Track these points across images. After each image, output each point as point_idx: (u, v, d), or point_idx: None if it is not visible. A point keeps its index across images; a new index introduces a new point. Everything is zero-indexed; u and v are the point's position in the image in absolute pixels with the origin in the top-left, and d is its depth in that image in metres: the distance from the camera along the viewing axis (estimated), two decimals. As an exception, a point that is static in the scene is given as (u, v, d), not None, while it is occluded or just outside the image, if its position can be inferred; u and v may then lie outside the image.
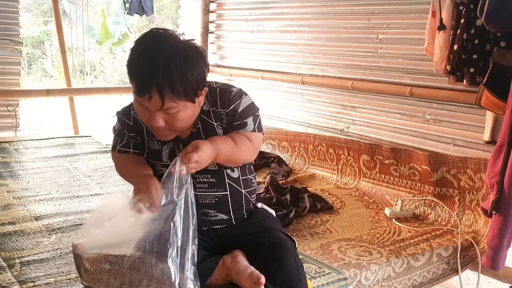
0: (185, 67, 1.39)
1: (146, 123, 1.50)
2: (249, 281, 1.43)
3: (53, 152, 3.39)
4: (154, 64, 1.36)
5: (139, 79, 1.38)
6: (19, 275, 1.65)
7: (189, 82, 1.39)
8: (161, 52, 1.37)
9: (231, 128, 1.58)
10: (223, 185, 1.62)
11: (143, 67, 1.38)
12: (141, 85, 1.38)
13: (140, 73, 1.38)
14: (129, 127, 1.66)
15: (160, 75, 1.35)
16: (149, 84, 1.36)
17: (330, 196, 2.75)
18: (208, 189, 1.61)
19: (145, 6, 4.91)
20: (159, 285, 1.33)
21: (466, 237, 2.20)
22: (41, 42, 10.22)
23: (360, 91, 3.11)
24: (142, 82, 1.38)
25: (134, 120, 1.64)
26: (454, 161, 2.45)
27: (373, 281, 1.88)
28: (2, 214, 2.21)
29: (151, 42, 1.42)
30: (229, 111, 1.57)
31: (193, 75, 1.40)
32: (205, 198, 1.61)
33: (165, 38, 1.41)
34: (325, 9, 3.37)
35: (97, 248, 1.36)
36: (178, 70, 1.37)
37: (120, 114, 1.69)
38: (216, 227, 1.65)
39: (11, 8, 4.09)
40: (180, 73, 1.37)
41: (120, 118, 1.69)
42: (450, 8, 2.26)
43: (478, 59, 2.21)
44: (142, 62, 1.39)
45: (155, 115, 1.42)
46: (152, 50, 1.39)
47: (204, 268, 1.48)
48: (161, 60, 1.36)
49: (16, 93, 4.29)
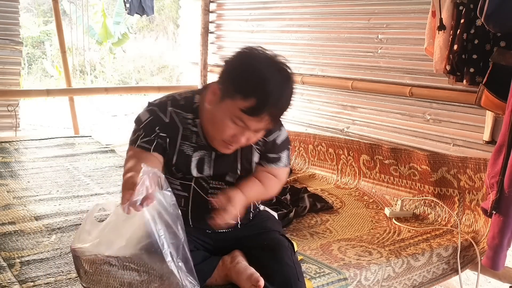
0: (292, 98, 1.45)
1: (227, 138, 1.45)
2: (248, 282, 1.43)
3: (53, 152, 3.39)
4: (280, 94, 1.39)
5: (261, 101, 1.37)
6: (19, 275, 1.65)
7: (288, 111, 1.47)
8: (289, 84, 1.42)
9: (266, 159, 1.64)
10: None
11: (269, 92, 1.37)
12: (260, 108, 1.38)
13: (264, 97, 1.37)
14: (163, 124, 1.52)
15: (281, 104, 1.41)
16: (268, 110, 1.38)
17: (330, 196, 2.75)
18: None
19: (145, 6, 4.91)
20: (159, 285, 1.33)
21: (466, 237, 2.20)
22: (41, 42, 10.22)
23: (360, 91, 3.11)
24: (263, 105, 1.37)
25: (171, 118, 1.53)
26: (454, 161, 2.45)
27: (373, 281, 1.88)
28: (2, 214, 2.21)
29: (279, 69, 1.41)
30: (269, 141, 1.61)
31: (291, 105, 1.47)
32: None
33: (287, 67, 1.43)
34: (325, 9, 3.37)
35: (95, 250, 1.36)
36: (290, 100, 1.44)
37: (155, 106, 1.54)
38: (221, 230, 1.64)
39: (11, 8, 4.09)
40: (289, 104, 1.44)
41: (153, 111, 1.54)
42: (450, 8, 2.26)
43: (478, 59, 2.21)
44: (269, 87, 1.37)
45: (249, 134, 1.45)
46: (280, 79, 1.40)
47: (203, 268, 1.48)
48: (287, 92, 1.41)
49: (16, 93, 4.30)
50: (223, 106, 1.42)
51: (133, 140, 1.53)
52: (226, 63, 1.46)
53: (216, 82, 1.48)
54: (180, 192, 1.59)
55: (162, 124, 1.52)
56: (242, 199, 1.49)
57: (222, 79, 1.45)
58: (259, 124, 1.42)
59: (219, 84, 1.45)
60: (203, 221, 1.59)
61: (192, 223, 1.60)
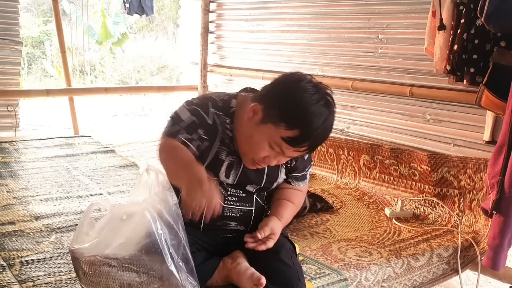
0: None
1: (259, 156, 1.46)
2: (249, 282, 1.43)
3: (53, 152, 3.39)
4: (324, 129, 1.41)
5: (305, 134, 1.39)
6: (19, 275, 1.65)
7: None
8: (333, 118, 1.44)
9: (295, 178, 1.68)
10: (250, 200, 1.63)
11: (315, 128, 1.38)
12: (302, 140, 1.39)
13: (309, 131, 1.39)
14: (206, 126, 1.50)
15: (322, 138, 1.45)
16: (309, 142, 1.41)
17: (330, 196, 2.75)
18: (236, 202, 1.61)
19: (145, 6, 4.91)
20: (158, 286, 1.32)
21: (466, 237, 2.20)
22: (41, 42, 10.21)
23: (360, 91, 3.11)
24: (306, 138, 1.40)
25: (214, 120, 1.52)
26: (454, 161, 2.45)
27: (373, 281, 1.88)
28: (2, 214, 2.21)
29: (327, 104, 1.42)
30: (298, 157, 1.62)
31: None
32: (231, 211, 1.60)
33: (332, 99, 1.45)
34: (325, 9, 3.36)
35: (94, 251, 1.36)
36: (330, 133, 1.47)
37: (197, 106, 1.51)
38: (230, 235, 1.65)
39: (11, 8, 4.08)
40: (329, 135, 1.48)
41: (197, 111, 1.50)
42: (450, 8, 2.26)
43: (478, 59, 2.20)
44: (315, 123, 1.38)
45: (281, 158, 1.48)
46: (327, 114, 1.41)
47: (204, 269, 1.48)
48: (330, 126, 1.44)
49: (16, 93, 4.29)
50: (263, 128, 1.42)
51: (172, 133, 1.49)
52: (274, 86, 1.45)
53: (257, 100, 1.46)
54: None
55: (205, 126, 1.51)
56: (281, 228, 1.59)
57: (267, 101, 1.43)
58: (295, 153, 1.45)
59: (261, 103, 1.44)
60: (216, 227, 1.60)
61: (203, 227, 1.60)
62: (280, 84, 1.44)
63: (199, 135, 1.49)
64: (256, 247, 1.50)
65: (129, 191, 2.64)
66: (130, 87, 8.64)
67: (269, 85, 1.48)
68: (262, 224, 1.56)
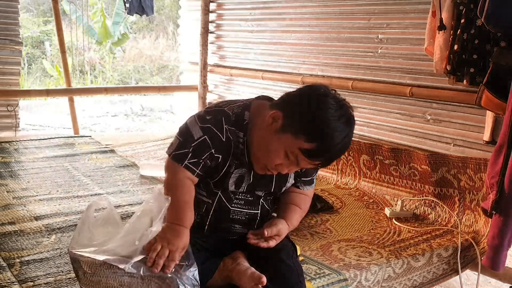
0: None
1: (273, 163, 1.45)
2: (250, 282, 1.43)
3: (53, 152, 3.39)
4: (342, 145, 1.42)
5: (323, 149, 1.39)
6: (19, 275, 1.65)
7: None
8: (351, 135, 1.45)
9: (302, 182, 1.69)
10: (257, 204, 1.63)
11: (334, 144, 1.39)
12: (320, 154, 1.40)
13: (327, 147, 1.39)
14: (219, 143, 1.47)
15: (339, 154, 1.45)
16: (326, 157, 1.42)
17: (330, 196, 2.75)
18: (243, 205, 1.60)
19: (145, 6, 4.90)
20: (158, 286, 1.32)
21: (466, 237, 2.20)
22: (41, 42, 10.21)
23: (360, 91, 3.11)
24: (323, 152, 1.40)
25: (228, 137, 1.48)
26: (454, 161, 2.45)
27: (373, 281, 1.88)
28: (2, 214, 2.21)
29: (348, 121, 1.44)
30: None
31: None
32: (237, 214, 1.60)
33: (352, 116, 1.47)
34: (325, 9, 3.36)
35: (95, 254, 1.35)
36: (347, 149, 1.47)
37: (211, 124, 1.47)
38: (233, 237, 1.65)
39: (11, 8, 4.08)
40: (346, 151, 1.48)
41: (210, 130, 1.47)
42: (450, 8, 2.26)
43: (478, 59, 2.21)
44: (335, 140, 1.39)
45: (294, 168, 1.48)
46: (347, 132, 1.42)
47: (205, 269, 1.48)
48: (348, 143, 1.44)
49: (16, 93, 4.29)
50: (282, 137, 1.41)
51: (178, 157, 1.47)
52: (297, 96, 1.46)
53: (278, 108, 1.45)
54: (204, 198, 1.58)
55: (218, 144, 1.47)
56: (287, 231, 1.61)
57: (288, 111, 1.43)
58: (310, 165, 1.45)
59: (282, 111, 1.43)
60: (220, 229, 1.60)
61: (208, 231, 1.60)
62: (304, 96, 1.44)
63: (210, 155, 1.47)
64: (258, 243, 1.51)
65: (129, 191, 2.64)
66: (130, 87, 8.63)
67: (291, 94, 1.48)
68: (270, 223, 1.56)
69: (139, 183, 2.80)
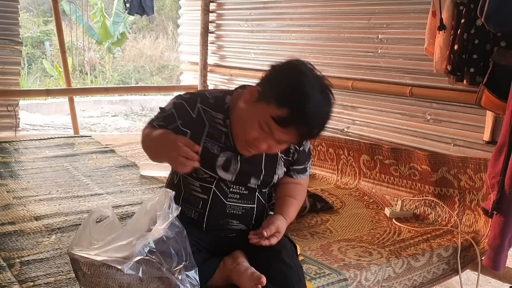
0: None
1: (250, 140, 1.46)
2: (250, 282, 1.43)
3: (53, 152, 3.39)
4: (314, 114, 1.37)
5: (293, 115, 1.36)
6: (19, 275, 1.65)
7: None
8: (327, 108, 1.41)
9: (295, 170, 1.68)
10: (253, 198, 1.63)
11: (304, 109, 1.36)
12: (290, 120, 1.37)
13: (298, 111, 1.36)
14: (189, 119, 1.53)
15: (313, 125, 1.40)
16: (297, 125, 1.38)
17: (330, 196, 2.74)
18: (239, 199, 1.61)
19: (145, 6, 4.91)
20: (158, 286, 1.32)
21: (466, 237, 2.20)
22: (41, 42, 10.21)
23: (360, 91, 3.11)
24: (294, 119, 1.37)
25: (199, 114, 1.54)
26: (454, 161, 2.45)
27: (373, 281, 1.88)
28: (2, 214, 2.21)
29: (322, 91, 1.41)
30: (300, 150, 1.64)
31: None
32: (233, 209, 1.61)
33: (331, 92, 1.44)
34: (325, 9, 3.37)
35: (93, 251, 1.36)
36: (324, 125, 1.43)
37: (184, 100, 1.55)
38: (231, 235, 1.65)
39: (11, 8, 4.08)
40: (322, 127, 1.44)
41: (182, 105, 1.54)
42: (450, 8, 2.26)
43: (478, 59, 2.21)
44: (306, 104, 1.36)
45: (271, 142, 1.44)
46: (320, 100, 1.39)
47: (204, 269, 1.48)
48: (323, 115, 1.41)
49: (16, 93, 4.29)
50: (256, 107, 1.42)
51: (150, 121, 1.56)
52: (272, 68, 1.46)
53: (257, 84, 1.48)
54: (199, 194, 1.59)
55: (187, 119, 1.53)
56: (286, 226, 1.59)
57: (264, 83, 1.45)
58: (284, 136, 1.41)
59: (259, 86, 1.46)
60: (218, 226, 1.60)
61: (206, 228, 1.60)
62: (279, 67, 1.46)
63: (176, 127, 1.51)
64: (259, 242, 1.50)
65: (129, 191, 2.64)
66: (130, 87, 8.64)
67: (268, 70, 1.49)
68: (268, 221, 1.56)
69: (139, 183, 2.80)
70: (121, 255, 1.31)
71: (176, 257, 1.34)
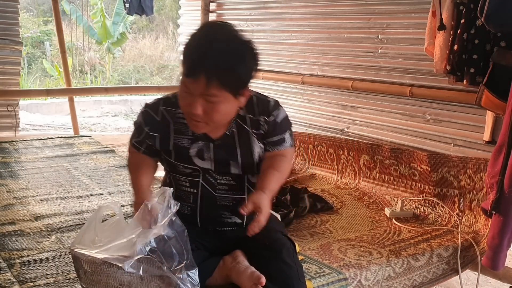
0: (236, 60, 1.43)
1: (185, 109, 1.49)
2: (249, 282, 1.43)
3: (53, 152, 3.39)
4: (208, 49, 1.40)
5: (192, 60, 1.42)
6: (19, 275, 1.65)
7: (236, 75, 1.44)
8: (218, 40, 1.42)
9: (272, 143, 1.62)
10: (242, 188, 1.63)
11: (198, 50, 1.41)
12: (192, 66, 1.41)
13: (194, 53, 1.42)
14: (154, 122, 1.59)
15: (211, 60, 1.40)
16: (199, 67, 1.40)
17: (330, 196, 2.75)
18: (228, 191, 1.61)
19: (144, 6, 4.90)
20: (158, 285, 1.33)
21: (466, 237, 2.20)
22: (41, 42, 10.21)
23: (360, 91, 3.11)
24: (194, 63, 1.41)
25: (162, 116, 1.59)
26: (454, 161, 2.45)
27: (373, 281, 1.88)
28: (2, 214, 2.21)
29: (211, 29, 1.49)
30: (270, 121, 1.59)
31: (241, 69, 1.45)
32: (223, 200, 1.61)
33: (225, 29, 1.46)
34: (325, 9, 3.37)
35: (95, 250, 1.36)
36: (229, 60, 1.41)
37: (148, 107, 1.62)
38: (227, 229, 1.65)
39: (11, 8, 4.08)
40: (230, 63, 1.41)
41: (146, 112, 1.61)
42: (450, 8, 2.26)
43: (478, 59, 2.20)
44: (198, 46, 1.42)
45: (196, 100, 1.43)
46: (210, 37, 1.43)
47: (204, 268, 1.48)
48: (216, 47, 1.41)
49: (16, 93, 4.30)
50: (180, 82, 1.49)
51: (130, 139, 1.67)
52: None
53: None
54: (189, 189, 1.61)
55: (153, 124, 1.60)
56: (267, 199, 1.49)
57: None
58: (197, 86, 1.41)
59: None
60: (211, 219, 1.61)
61: (200, 222, 1.61)
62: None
63: (145, 133, 1.60)
64: (250, 228, 1.42)
65: (129, 191, 2.64)
66: (130, 87, 8.64)
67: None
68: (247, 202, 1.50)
69: (139, 183, 2.79)
70: (122, 253, 1.32)
71: (177, 256, 1.35)
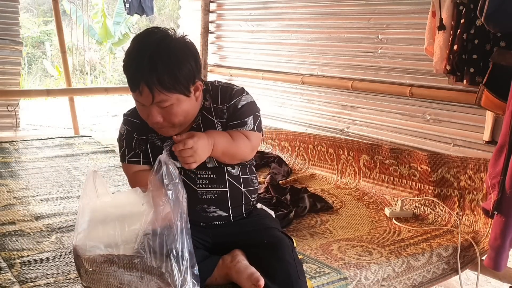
0: (170, 60, 1.42)
1: (147, 120, 1.52)
2: (248, 282, 1.43)
3: (53, 152, 3.39)
4: (140, 59, 1.41)
5: (129, 75, 1.45)
6: (19, 275, 1.65)
7: (175, 75, 1.43)
8: (147, 46, 1.43)
9: (230, 126, 1.60)
10: (223, 181, 1.64)
11: (131, 62, 1.44)
12: (132, 81, 1.44)
13: (129, 69, 1.44)
14: (137, 126, 1.63)
15: (145, 69, 1.40)
16: (137, 79, 1.42)
17: (330, 196, 2.75)
18: (208, 185, 1.62)
19: (145, 6, 4.91)
20: (159, 284, 1.33)
21: (466, 237, 2.20)
22: (41, 42, 10.22)
23: (360, 91, 3.11)
24: (132, 77, 1.44)
25: (141, 118, 1.60)
26: (454, 161, 2.45)
27: (373, 280, 1.88)
28: (2, 214, 2.21)
29: (140, 39, 1.48)
30: (230, 106, 1.60)
31: (179, 68, 1.43)
32: (205, 194, 1.63)
33: (152, 34, 1.47)
34: (325, 9, 3.37)
35: (96, 247, 1.36)
36: (163, 63, 1.41)
37: (127, 115, 1.67)
38: (215, 223, 1.65)
39: (11, 8, 4.09)
40: (165, 66, 1.41)
41: (127, 120, 1.66)
42: (450, 8, 2.26)
43: (478, 59, 2.20)
44: (130, 58, 1.45)
45: (151, 110, 1.46)
46: (139, 46, 1.45)
47: (203, 267, 1.48)
48: (146, 54, 1.41)
49: (16, 93, 4.30)
50: None
51: (122, 157, 1.68)
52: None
53: None
54: None
55: (137, 128, 1.63)
56: (204, 137, 1.42)
57: None
58: (144, 97, 1.44)
59: None
60: (197, 213, 1.62)
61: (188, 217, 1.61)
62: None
63: (136, 139, 1.63)
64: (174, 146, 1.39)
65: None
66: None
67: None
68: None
69: (139, 183, 2.79)
70: (122, 252, 1.32)
71: (177, 255, 1.35)
